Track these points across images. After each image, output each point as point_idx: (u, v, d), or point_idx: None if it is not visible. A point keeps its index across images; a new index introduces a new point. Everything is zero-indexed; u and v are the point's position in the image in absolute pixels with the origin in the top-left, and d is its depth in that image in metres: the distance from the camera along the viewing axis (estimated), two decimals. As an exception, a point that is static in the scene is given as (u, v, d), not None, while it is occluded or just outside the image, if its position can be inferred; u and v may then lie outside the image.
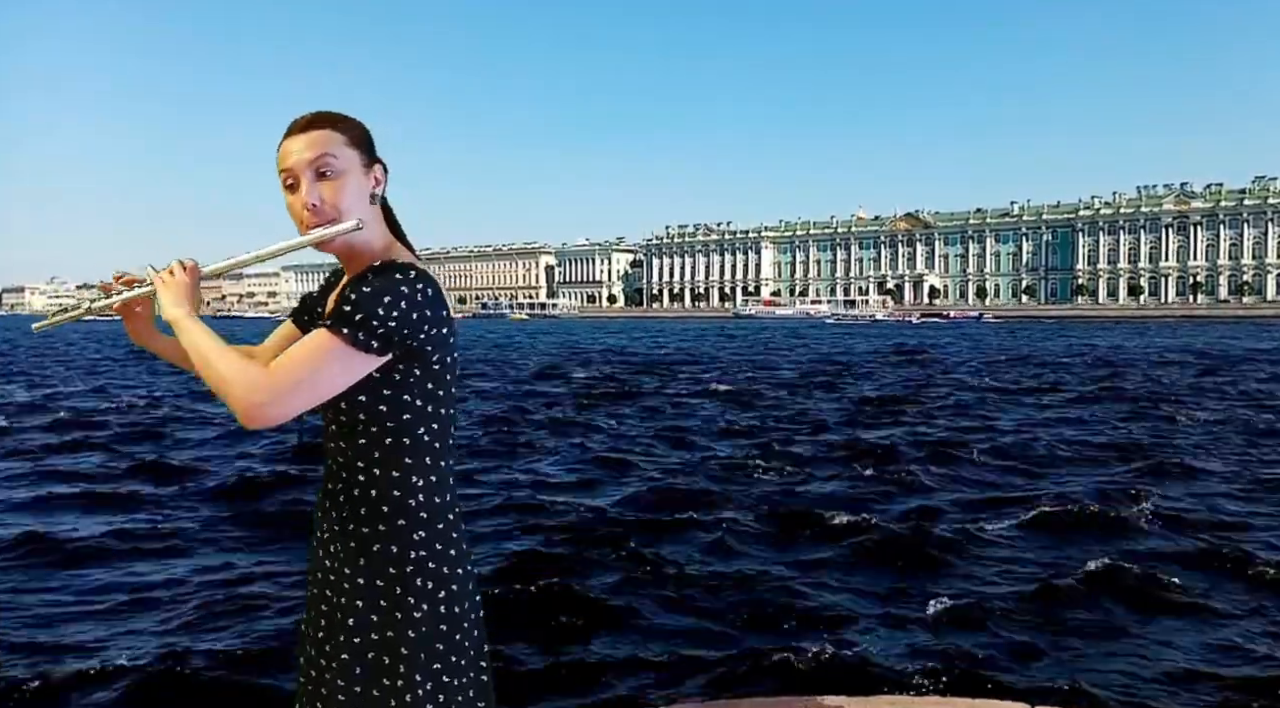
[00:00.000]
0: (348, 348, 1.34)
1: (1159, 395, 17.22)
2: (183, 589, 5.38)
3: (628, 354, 34.45)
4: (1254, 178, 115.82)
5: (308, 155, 1.43)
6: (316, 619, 1.51)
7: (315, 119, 1.46)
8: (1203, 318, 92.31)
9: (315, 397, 1.35)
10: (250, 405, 1.30)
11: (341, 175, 1.44)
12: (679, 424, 13.34)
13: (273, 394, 1.31)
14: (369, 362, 1.36)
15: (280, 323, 1.75)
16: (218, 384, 1.33)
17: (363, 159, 1.48)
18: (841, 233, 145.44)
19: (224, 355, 1.34)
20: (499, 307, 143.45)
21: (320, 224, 1.44)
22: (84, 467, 9.53)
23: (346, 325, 1.34)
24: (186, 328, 1.39)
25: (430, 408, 1.45)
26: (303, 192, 1.43)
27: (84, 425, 12.82)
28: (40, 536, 6.40)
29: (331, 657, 1.46)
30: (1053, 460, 10.08)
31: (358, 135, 1.48)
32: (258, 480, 8.59)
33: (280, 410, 1.32)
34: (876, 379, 22.14)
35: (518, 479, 8.96)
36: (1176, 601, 5.22)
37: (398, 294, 1.35)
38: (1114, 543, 6.36)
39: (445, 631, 1.45)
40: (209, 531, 6.81)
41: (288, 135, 1.45)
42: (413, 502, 1.44)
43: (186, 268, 1.46)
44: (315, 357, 1.34)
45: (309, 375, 1.33)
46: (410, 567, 1.43)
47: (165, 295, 1.43)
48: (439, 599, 1.44)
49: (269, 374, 1.32)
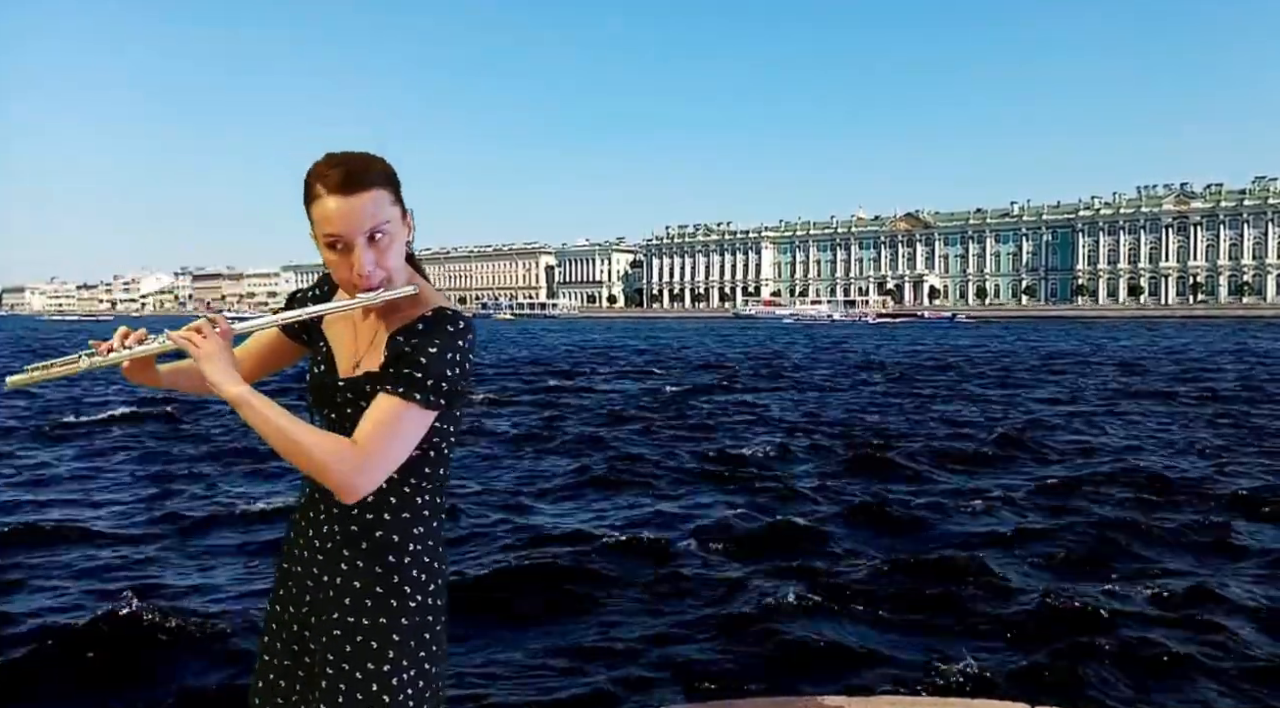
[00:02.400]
0: (423, 412, 1.40)
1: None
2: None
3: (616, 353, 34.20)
4: (1254, 178, 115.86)
5: (366, 223, 1.40)
6: (299, 596, 1.53)
7: (361, 174, 1.40)
8: (1202, 318, 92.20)
9: (399, 459, 1.42)
10: (351, 486, 1.37)
11: (392, 236, 1.44)
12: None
13: (369, 476, 1.38)
14: (434, 416, 1.43)
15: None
16: (308, 464, 1.37)
17: (401, 212, 1.48)
18: (841, 233, 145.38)
19: (310, 435, 1.36)
20: (499, 308, 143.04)
21: (372, 287, 1.44)
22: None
23: (419, 391, 1.39)
24: (257, 409, 1.35)
25: (451, 427, 1.52)
26: (357, 258, 1.42)
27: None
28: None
29: (318, 632, 1.49)
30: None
31: (397, 188, 1.47)
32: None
33: (373, 481, 1.39)
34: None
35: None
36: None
37: (457, 349, 1.42)
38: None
39: (430, 621, 1.50)
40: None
41: (328, 189, 1.39)
42: (420, 499, 1.50)
43: (219, 329, 1.39)
44: (397, 425, 1.39)
45: (395, 448, 1.40)
46: (408, 558, 1.48)
47: (212, 370, 1.36)
48: (429, 591, 1.50)
49: (359, 451, 1.37)
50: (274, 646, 1.57)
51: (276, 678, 1.55)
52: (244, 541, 6.54)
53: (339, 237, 1.40)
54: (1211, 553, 6.23)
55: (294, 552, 1.56)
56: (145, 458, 10.20)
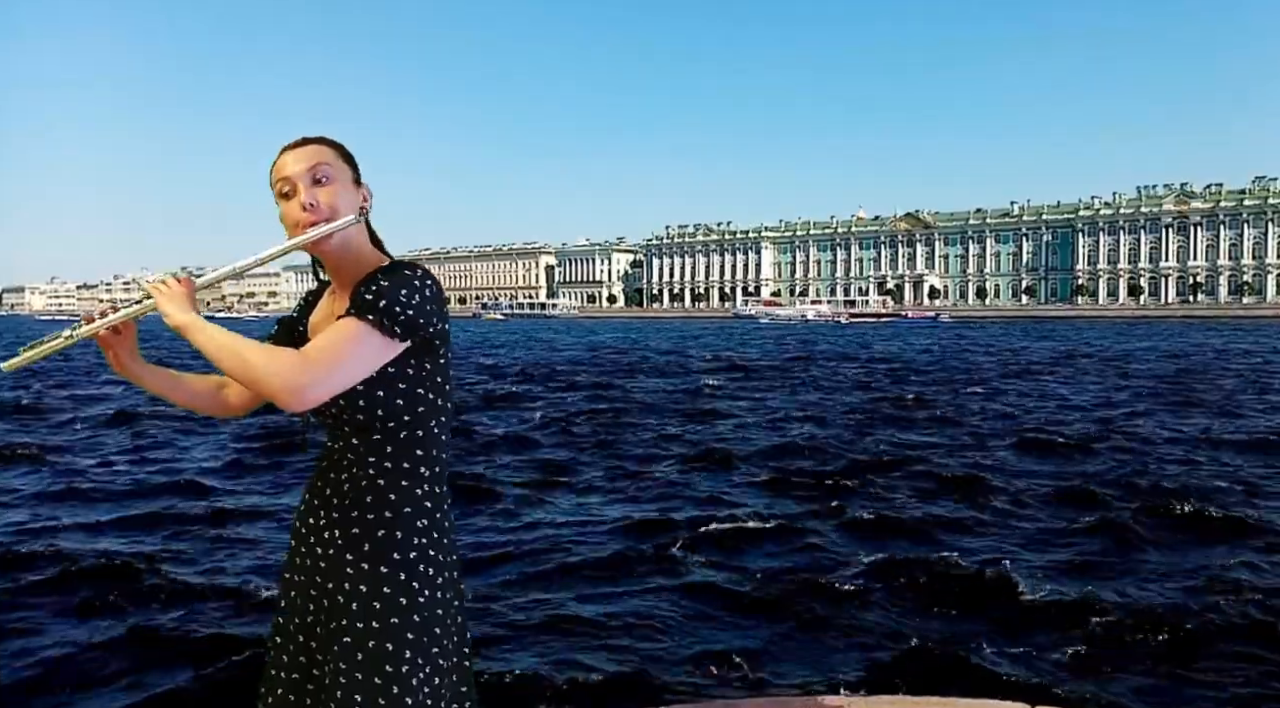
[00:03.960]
0: (375, 332, 1.41)
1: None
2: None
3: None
4: (1254, 178, 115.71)
5: (305, 164, 1.52)
6: (304, 606, 1.52)
7: (310, 137, 1.57)
8: (1202, 318, 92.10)
9: (349, 378, 1.41)
10: (294, 387, 1.35)
11: (335, 181, 1.53)
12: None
13: (312, 376, 1.36)
14: (392, 347, 1.43)
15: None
16: (252, 372, 1.36)
17: (352, 175, 1.58)
18: (841, 233, 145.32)
19: (256, 348, 1.38)
20: (496, 307, 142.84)
21: (315, 223, 1.50)
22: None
23: (372, 312, 1.41)
24: (201, 327, 1.40)
25: (440, 401, 1.53)
26: (300, 195, 1.51)
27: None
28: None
29: (328, 641, 1.47)
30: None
31: (347, 154, 1.58)
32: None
33: (319, 392, 1.37)
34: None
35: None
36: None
37: (413, 287, 1.44)
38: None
39: (440, 615, 1.49)
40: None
41: (283, 152, 1.54)
42: (419, 491, 1.50)
43: (182, 280, 1.47)
44: (348, 341, 1.40)
45: (343, 358, 1.39)
46: (414, 553, 1.48)
47: (168, 304, 1.43)
48: (438, 585, 1.50)
49: (305, 358, 1.38)
50: (280, 658, 1.55)
51: (286, 692, 1.53)
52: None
53: (286, 178, 1.52)
54: (1211, 551, 6.22)
55: (296, 561, 1.55)
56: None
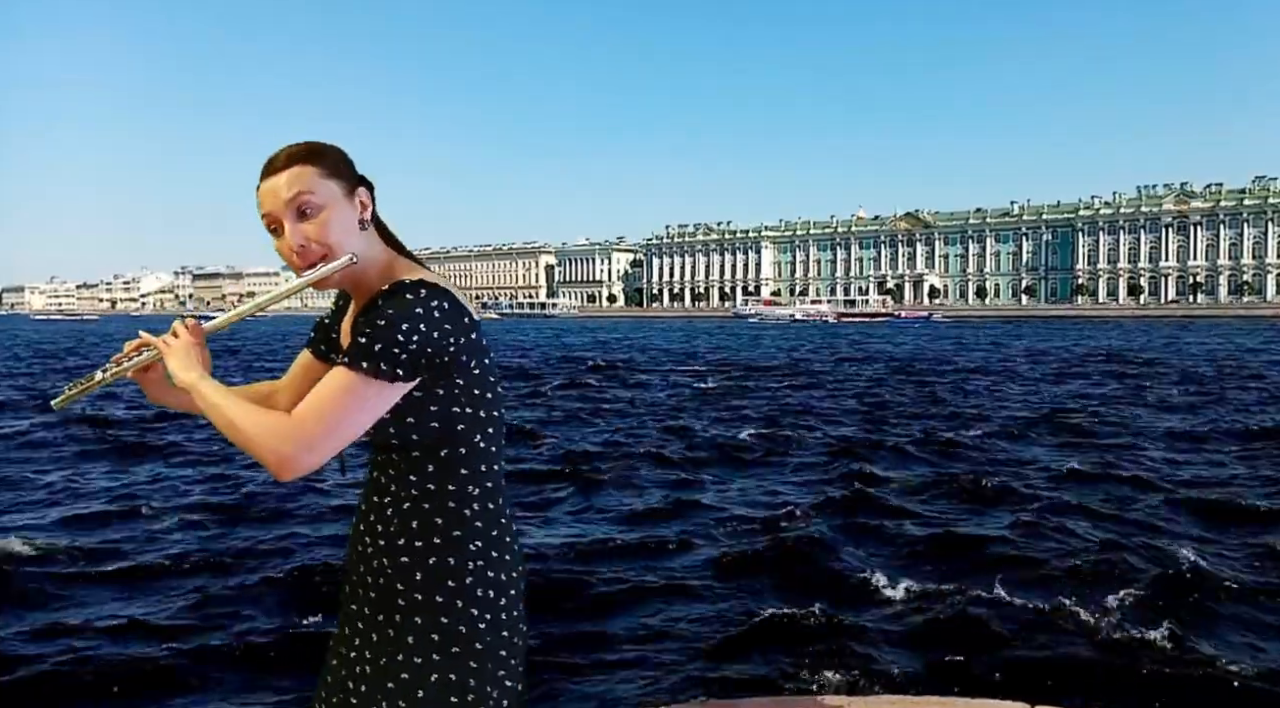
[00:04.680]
0: (371, 382, 1.29)
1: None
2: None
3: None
4: (1254, 178, 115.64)
5: (285, 196, 1.36)
6: (350, 639, 1.43)
7: (288, 157, 1.39)
8: (1202, 318, 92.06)
9: (343, 440, 1.30)
10: (281, 458, 1.26)
11: (322, 210, 1.38)
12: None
13: (300, 444, 1.27)
14: (397, 390, 1.32)
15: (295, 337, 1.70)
16: (244, 444, 1.29)
17: (343, 188, 1.41)
18: (841, 233, 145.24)
19: (246, 413, 1.30)
20: (498, 307, 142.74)
21: (311, 264, 1.39)
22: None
23: (366, 359, 1.29)
24: (202, 392, 1.35)
25: (483, 413, 1.40)
26: (287, 235, 1.38)
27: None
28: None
29: (379, 681, 1.37)
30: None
31: (333, 164, 1.41)
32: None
33: (310, 459, 1.27)
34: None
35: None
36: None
37: (413, 316, 1.30)
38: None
39: (506, 637, 1.41)
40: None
41: (263, 177, 1.39)
42: (468, 511, 1.39)
43: (188, 327, 1.43)
44: (338, 398, 1.29)
45: (334, 419, 1.28)
46: (470, 578, 1.37)
47: (173, 362, 1.40)
48: (500, 607, 1.40)
49: (294, 424, 1.28)
50: (329, 698, 1.44)
51: None
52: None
53: (269, 216, 1.38)
54: (1209, 548, 6.23)
55: (349, 590, 1.45)
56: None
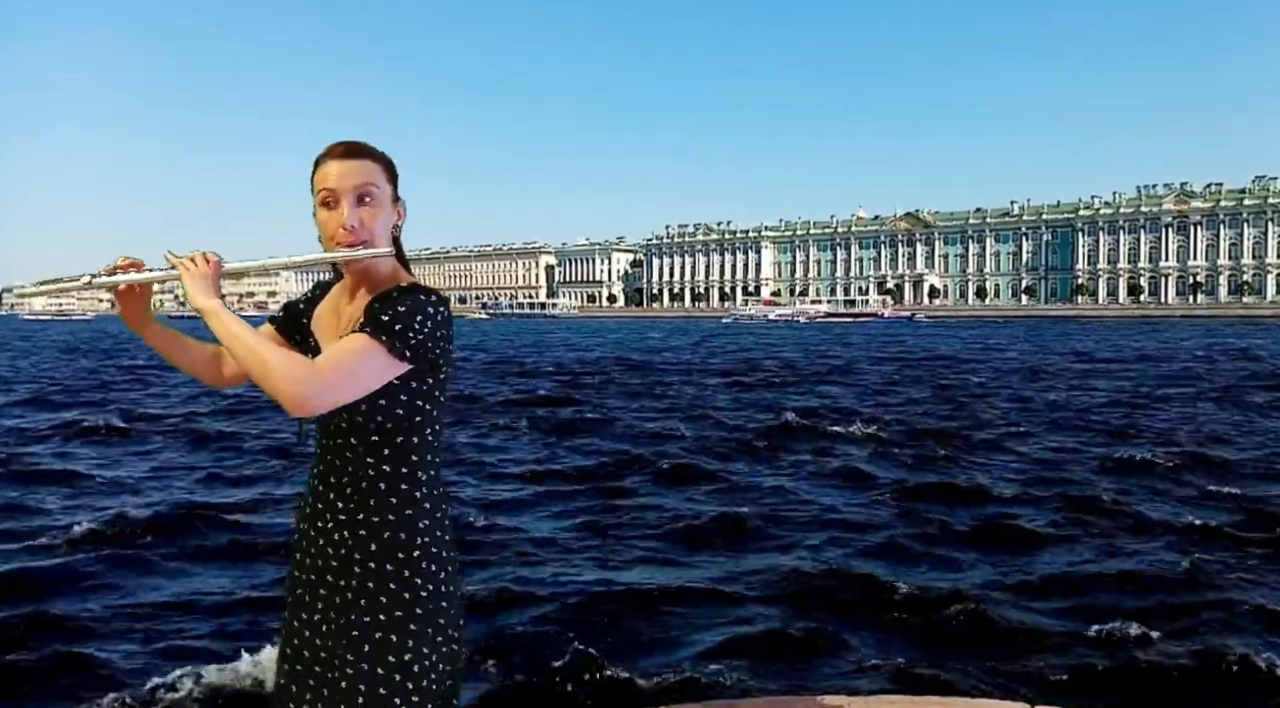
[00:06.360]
0: (386, 353, 1.48)
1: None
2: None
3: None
4: (1254, 178, 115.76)
5: (354, 180, 1.56)
6: (312, 604, 1.60)
7: (360, 147, 1.60)
8: (1202, 318, 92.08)
9: (354, 392, 1.47)
10: (299, 395, 1.40)
11: (378, 204, 1.59)
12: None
13: (320, 387, 1.42)
14: (398, 368, 1.51)
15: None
16: (267, 372, 1.40)
17: (393, 195, 1.63)
18: (841, 233, 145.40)
19: (273, 351, 1.42)
20: (499, 307, 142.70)
21: (354, 244, 1.57)
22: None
23: (386, 334, 1.47)
24: (223, 320, 1.45)
25: (436, 412, 1.61)
26: (343, 212, 1.56)
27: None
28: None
29: (336, 636, 1.56)
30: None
31: (392, 173, 1.63)
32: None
33: (323, 401, 1.44)
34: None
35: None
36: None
37: (427, 314, 1.51)
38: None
39: (444, 606, 1.59)
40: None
41: (331, 157, 1.57)
42: (418, 493, 1.59)
43: (210, 261, 1.52)
44: (358, 357, 1.46)
45: (351, 373, 1.45)
46: (418, 551, 1.57)
47: (193, 284, 1.48)
48: (441, 579, 1.59)
49: (315, 368, 1.44)
50: (285, 652, 1.64)
51: (288, 683, 1.61)
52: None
53: (332, 191, 1.56)
54: (1209, 549, 6.23)
55: (304, 561, 1.62)
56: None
